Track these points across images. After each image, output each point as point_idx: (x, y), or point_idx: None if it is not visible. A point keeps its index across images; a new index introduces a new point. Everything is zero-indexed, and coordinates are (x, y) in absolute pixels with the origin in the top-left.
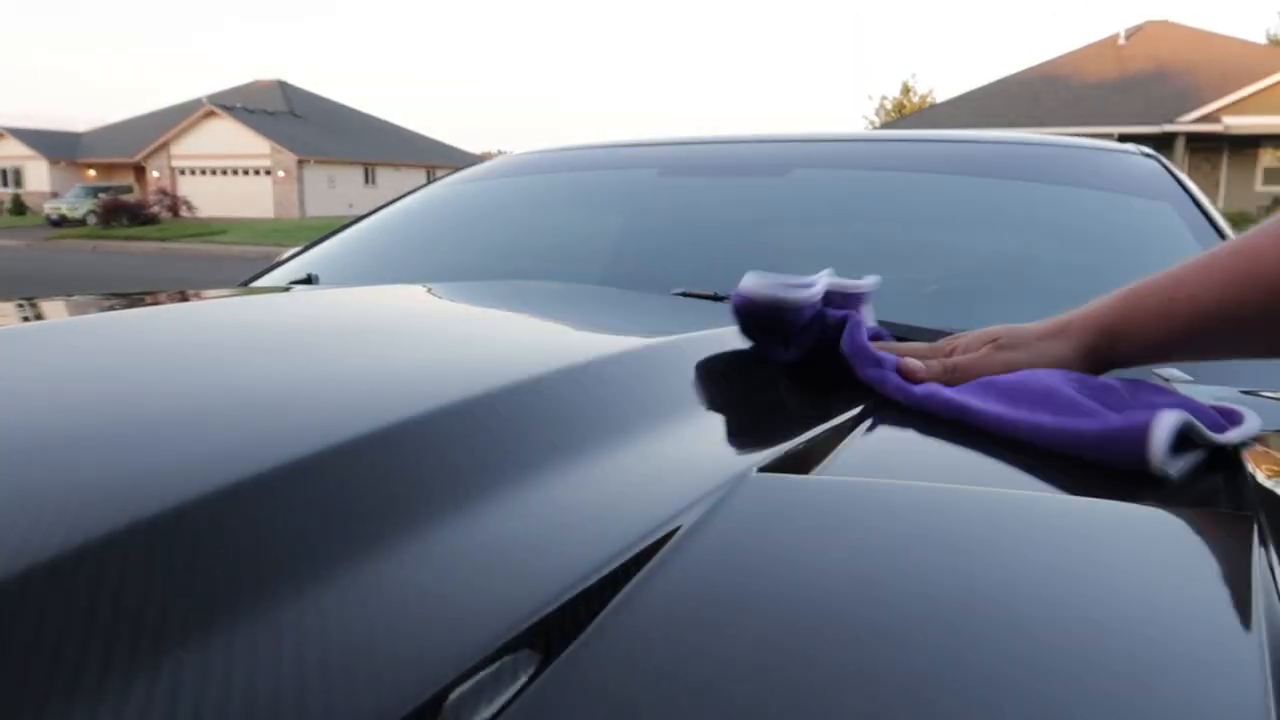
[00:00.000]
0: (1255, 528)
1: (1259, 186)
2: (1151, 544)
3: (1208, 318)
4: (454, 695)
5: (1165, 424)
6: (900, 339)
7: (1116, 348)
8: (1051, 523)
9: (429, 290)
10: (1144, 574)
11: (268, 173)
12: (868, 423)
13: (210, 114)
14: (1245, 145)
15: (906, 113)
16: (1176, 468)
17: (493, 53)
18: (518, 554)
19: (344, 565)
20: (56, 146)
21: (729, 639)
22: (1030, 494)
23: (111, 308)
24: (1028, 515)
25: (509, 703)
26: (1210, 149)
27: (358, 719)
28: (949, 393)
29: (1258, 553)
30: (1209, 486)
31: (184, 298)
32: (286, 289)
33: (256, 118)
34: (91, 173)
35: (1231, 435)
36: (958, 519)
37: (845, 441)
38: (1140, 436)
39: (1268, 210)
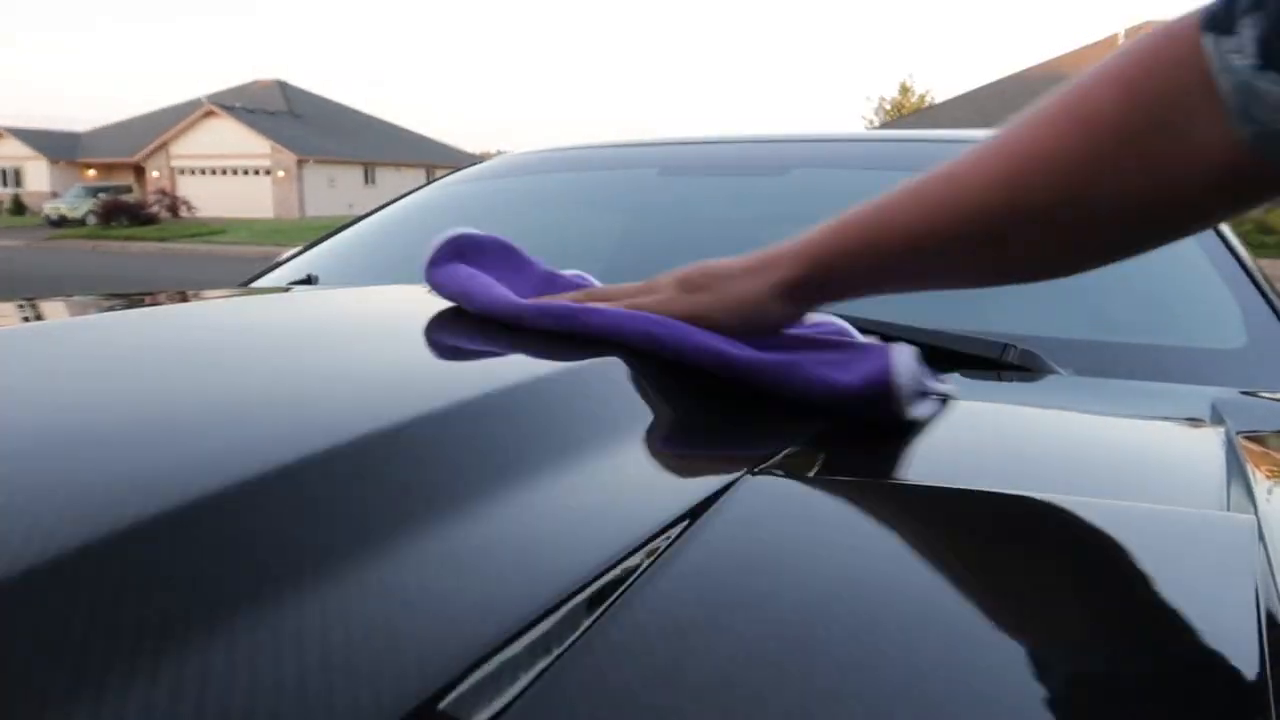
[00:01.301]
0: (1255, 528)
1: None
2: (1151, 544)
3: (918, 248)
4: (454, 695)
5: (904, 360)
6: (888, 338)
7: (828, 280)
8: (1051, 523)
9: (429, 291)
10: (1143, 574)
11: (267, 173)
12: (867, 423)
13: (210, 114)
14: None
15: (905, 113)
16: (920, 410)
17: (493, 52)
18: (518, 554)
19: (344, 565)
20: (56, 146)
21: (729, 640)
22: (1029, 494)
23: (111, 308)
24: (1027, 516)
25: (509, 703)
26: None
27: (357, 719)
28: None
29: (1258, 553)
30: (1209, 486)
31: (184, 298)
32: (286, 289)
33: (256, 117)
34: (91, 173)
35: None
36: (958, 519)
37: (845, 442)
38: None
39: (1266, 210)
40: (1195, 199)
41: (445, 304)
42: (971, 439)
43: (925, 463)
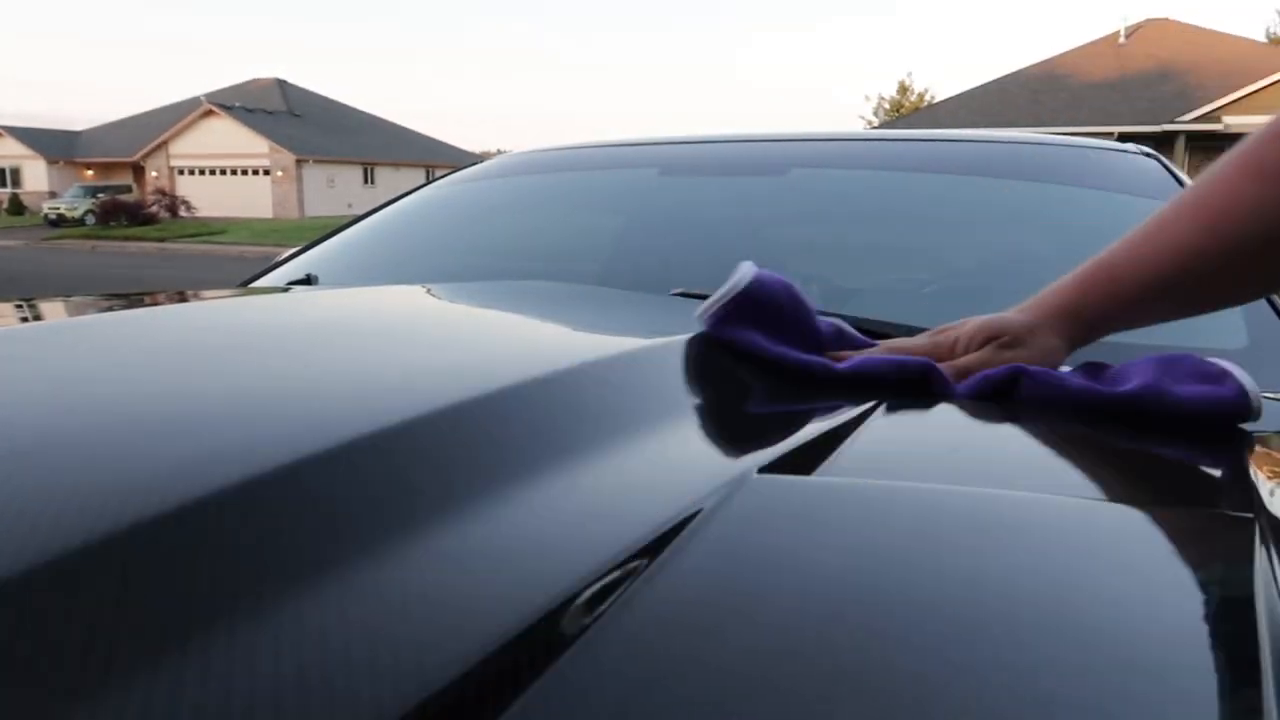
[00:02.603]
0: (1255, 528)
1: None
2: (1152, 544)
3: (1147, 293)
4: (454, 695)
5: (1247, 381)
6: (881, 335)
7: (1088, 333)
8: (1052, 523)
9: (428, 291)
10: (1144, 574)
11: (266, 172)
12: (868, 423)
13: (209, 113)
14: None
15: (904, 112)
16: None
17: (493, 52)
18: (518, 554)
19: (344, 565)
20: (54, 146)
21: (729, 639)
22: (1030, 495)
23: (110, 308)
24: (1028, 516)
25: (509, 703)
26: (1210, 148)
27: (358, 718)
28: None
29: (1258, 553)
30: (1209, 487)
31: (183, 298)
32: (285, 289)
33: (255, 117)
34: (89, 172)
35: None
36: (958, 519)
37: (845, 441)
38: (1239, 398)
39: None
40: None
41: (445, 305)
42: (972, 439)
43: (925, 463)
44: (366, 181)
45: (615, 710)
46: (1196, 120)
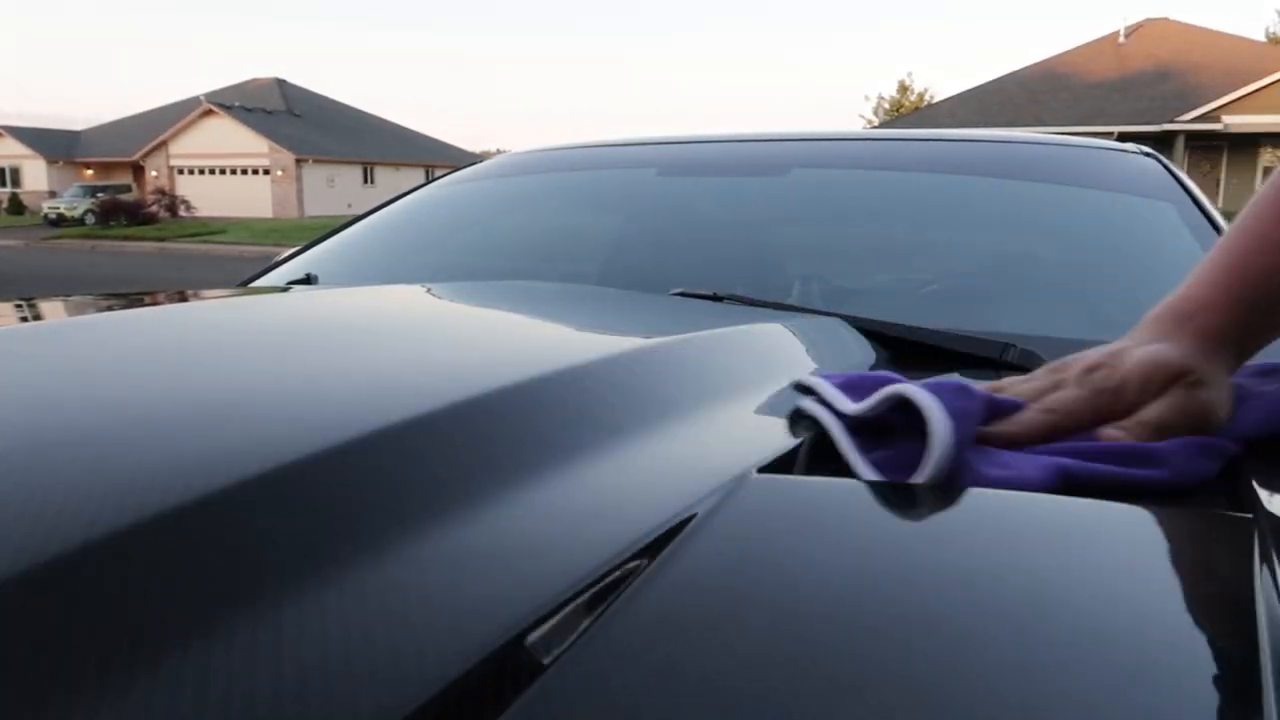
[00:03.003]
0: (1255, 528)
1: (1259, 185)
2: (1152, 544)
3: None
4: (455, 695)
5: None
6: (890, 339)
7: (1240, 359)
8: (1052, 523)
9: (428, 290)
10: (1144, 574)
11: (266, 172)
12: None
13: (208, 113)
14: (1245, 144)
15: (904, 112)
16: None
17: (493, 51)
18: (518, 554)
19: (344, 565)
20: (54, 145)
21: (729, 639)
22: (1030, 495)
23: (110, 308)
24: (1028, 516)
25: (509, 703)
26: (1210, 148)
27: (358, 719)
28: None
29: (1258, 553)
30: (1209, 487)
31: (183, 298)
32: (285, 289)
33: (255, 116)
34: (89, 172)
35: None
36: (958, 519)
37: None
38: None
39: None
40: None
41: (445, 304)
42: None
43: None
44: (366, 181)
45: (615, 710)
46: (1196, 120)
